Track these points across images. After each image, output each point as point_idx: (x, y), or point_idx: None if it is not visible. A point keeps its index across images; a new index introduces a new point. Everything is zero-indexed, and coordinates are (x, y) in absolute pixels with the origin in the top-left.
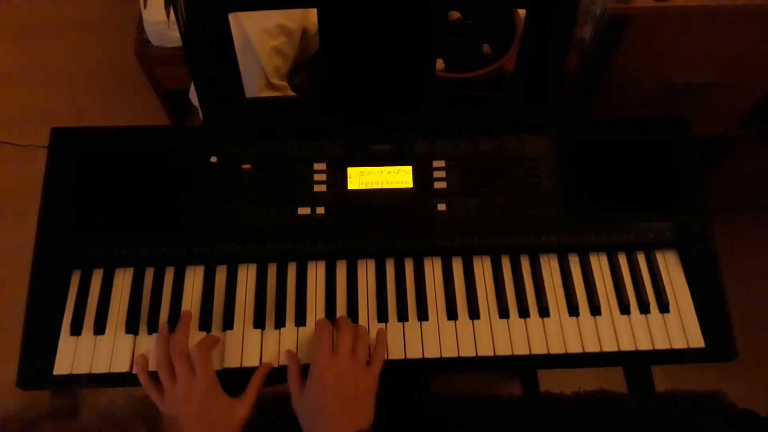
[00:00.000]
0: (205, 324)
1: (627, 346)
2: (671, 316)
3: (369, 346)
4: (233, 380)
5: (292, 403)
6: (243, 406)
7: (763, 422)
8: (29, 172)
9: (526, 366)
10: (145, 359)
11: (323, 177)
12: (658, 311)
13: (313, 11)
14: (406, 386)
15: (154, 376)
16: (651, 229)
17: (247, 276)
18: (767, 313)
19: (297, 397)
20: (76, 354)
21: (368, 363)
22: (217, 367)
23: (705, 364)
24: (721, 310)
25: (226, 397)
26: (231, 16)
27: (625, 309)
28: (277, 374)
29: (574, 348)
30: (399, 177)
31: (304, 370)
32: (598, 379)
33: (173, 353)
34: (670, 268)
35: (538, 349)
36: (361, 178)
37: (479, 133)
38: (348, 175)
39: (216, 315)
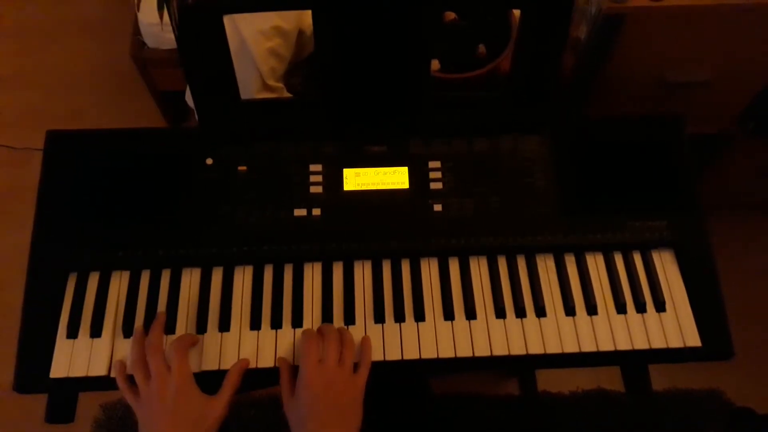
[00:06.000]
0: (201, 326)
1: (624, 345)
2: (668, 315)
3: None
4: None
5: (284, 408)
6: (218, 404)
7: (761, 420)
8: (25, 174)
9: (523, 366)
10: (123, 363)
11: (319, 178)
12: (654, 310)
13: (309, 12)
14: (405, 387)
15: (132, 380)
16: (647, 229)
17: (243, 278)
18: (764, 311)
19: (288, 402)
20: (73, 357)
21: (355, 369)
22: (212, 368)
23: (702, 362)
24: (717, 309)
25: (201, 394)
26: (226, 18)
27: (621, 308)
28: (275, 375)
29: (571, 348)
30: (395, 178)
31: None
32: (596, 378)
33: (148, 352)
34: (667, 267)
35: (535, 348)
36: (356, 179)
37: (474, 134)
38: (344, 176)
39: (212, 316)
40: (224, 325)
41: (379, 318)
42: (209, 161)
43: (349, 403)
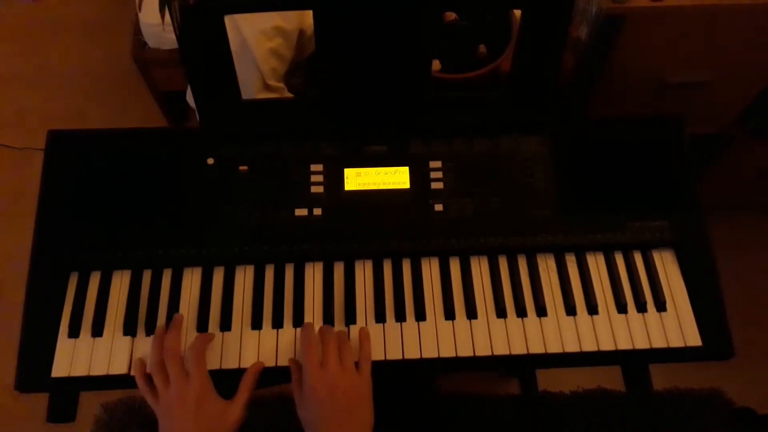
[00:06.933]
0: (202, 325)
1: (624, 344)
2: (668, 314)
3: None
4: (231, 381)
5: (297, 408)
6: (236, 408)
7: (761, 420)
8: (25, 174)
9: (524, 365)
10: (143, 363)
11: (320, 178)
12: (655, 310)
13: (310, 12)
14: (407, 386)
15: (150, 379)
16: (647, 229)
17: (244, 277)
18: (764, 310)
19: (299, 404)
20: (74, 356)
21: (357, 366)
22: (214, 367)
23: (702, 362)
24: (717, 309)
25: (220, 399)
26: (227, 18)
27: (622, 308)
28: (276, 374)
29: (572, 347)
30: (396, 178)
31: None
32: (597, 377)
33: (165, 356)
34: (667, 266)
35: (536, 348)
36: (357, 179)
37: (475, 134)
38: (345, 176)
39: (213, 316)
40: (225, 325)
41: (380, 318)
42: (210, 161)
43: (356, 401)
